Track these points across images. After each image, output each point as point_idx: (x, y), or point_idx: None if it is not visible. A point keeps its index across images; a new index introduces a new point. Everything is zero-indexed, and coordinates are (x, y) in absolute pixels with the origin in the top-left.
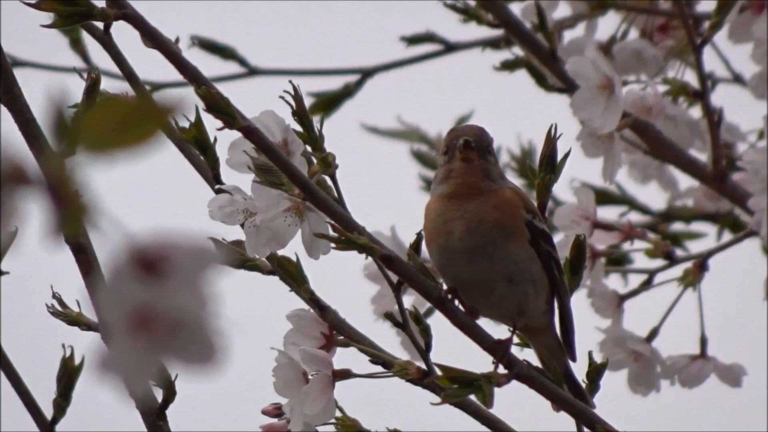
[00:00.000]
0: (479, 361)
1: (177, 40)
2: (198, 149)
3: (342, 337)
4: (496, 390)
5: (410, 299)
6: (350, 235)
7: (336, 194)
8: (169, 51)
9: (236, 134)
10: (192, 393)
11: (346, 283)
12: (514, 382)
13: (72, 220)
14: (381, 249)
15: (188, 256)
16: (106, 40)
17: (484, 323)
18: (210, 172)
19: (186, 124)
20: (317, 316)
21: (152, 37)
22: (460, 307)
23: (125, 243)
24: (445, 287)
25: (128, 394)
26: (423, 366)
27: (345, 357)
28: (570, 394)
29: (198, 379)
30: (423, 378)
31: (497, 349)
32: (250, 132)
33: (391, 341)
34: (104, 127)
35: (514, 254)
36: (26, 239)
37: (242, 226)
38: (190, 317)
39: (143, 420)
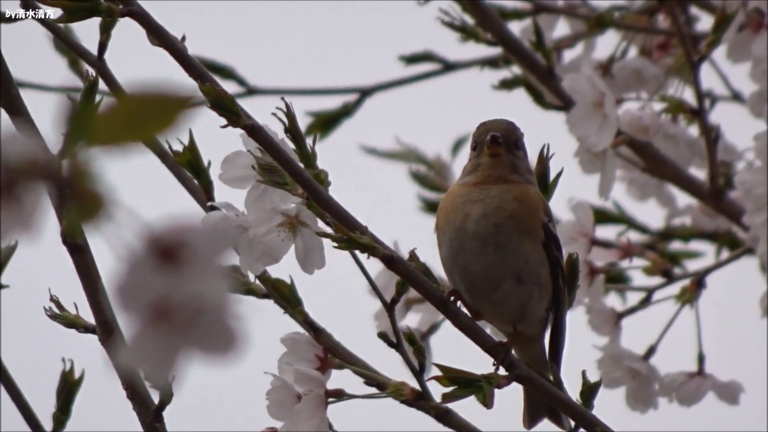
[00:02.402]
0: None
1: (183, 38)
2: (192, 173)
3: (337, 360)
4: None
5: (416, 317)
6: (353, 235)
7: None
8: (175, 49)
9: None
10: (186, 419)
11: (344, 303)
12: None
13: (88, 211)
14: (383, 249)
15: (205, 240)
16: (99, 66)
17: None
18: (204, 196)
19: (179, 148)
20: (312, 339)
21: (158, 35)
22: (463, 309)
23: (142, 231)
24: (448, 288)
25: (125, 390)
26: (417, 387)
27: (340, 379)
28: (570, 397)
29: (218, 366)
30: (417, 399)
31: (498, 351)
32: (253, 130)
33: (390, 360)
34: (121, 120)
35: (526, 252)
36: (25, 244)
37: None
38: (208, 303)
39: (140, 421)
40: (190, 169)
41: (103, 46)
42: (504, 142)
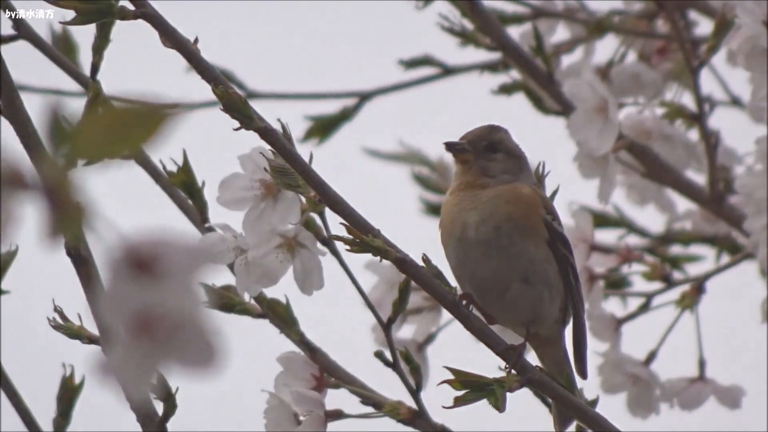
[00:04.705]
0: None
1: (196, 40)
2: (186, 193)
3: (333, 379)
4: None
5: (412, 327)
6: (365, 238)
7: (325, 233)
8: (188, 51)
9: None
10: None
11: (339, 320)
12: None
13: (70, 223)
14: (395, 252)
15: (181, 254)
16: (92, 86)
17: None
18: (198, 216)
19: (174, 168)
20: (308, 359)
21: (171, 37)
22: (475, 311)
23: (119, 243)
24: (459, 292)
25: (128, 402)
26: (414, 406)
27: (336, 399)
28: (582, 401)
29: (197, 381)
30: (414, 418)
31: (510, 354)
32: (266, 133)
33: (387, 376)
34: (102, 131)
35: (531, 253)
36: (26, 253)
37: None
38: (187, 318)
39: None
40: (184, 189)
41: (95, 67)
42: (472, 147)
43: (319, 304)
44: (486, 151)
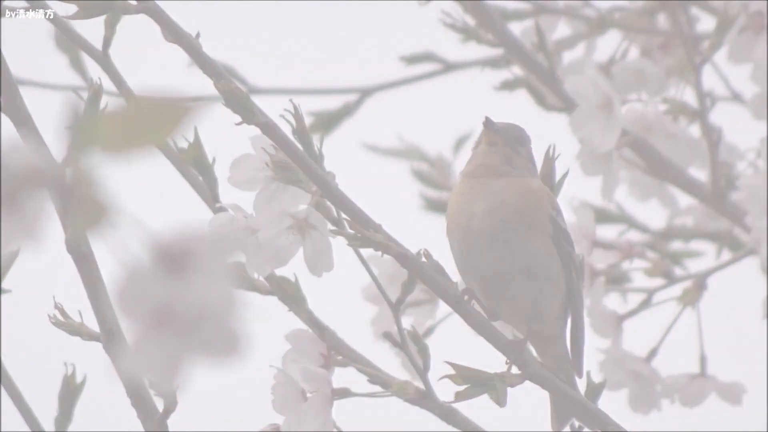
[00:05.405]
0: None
1: (197, 35)
2: (197, 170)
3: (340, 357)
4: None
5: (409, 319)
6: (367, 233)
7: (335, 215)
8: (190, 45)
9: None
10: (191, 413)
11: (345, 304)
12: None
13: (91, 218)
14: (397, 247)
15: (209, 246)
16: (104, 61)
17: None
18: (209, 193)
19: (185, 144)
20: (316, 336)
21: (173, 31)
22: (476, 307)
23: (146, 238)
24: (461, 288)
25: (130, 398)
26: (421, 386)
27: (343, 378)
28: (583, 395)
29: (221, 370)
30: (421, 398)
31: (511, 349)
32: (268, 127)
33: (389, 364)
34: (121, 127)
35: (535, 247)
36: (28, 250)
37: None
38: (212, 309)
39: (144, 429)
40: (195, 165)
41: (107, 42)
42: (503, 135)
43: (320, 289)
44: (515, 143)
